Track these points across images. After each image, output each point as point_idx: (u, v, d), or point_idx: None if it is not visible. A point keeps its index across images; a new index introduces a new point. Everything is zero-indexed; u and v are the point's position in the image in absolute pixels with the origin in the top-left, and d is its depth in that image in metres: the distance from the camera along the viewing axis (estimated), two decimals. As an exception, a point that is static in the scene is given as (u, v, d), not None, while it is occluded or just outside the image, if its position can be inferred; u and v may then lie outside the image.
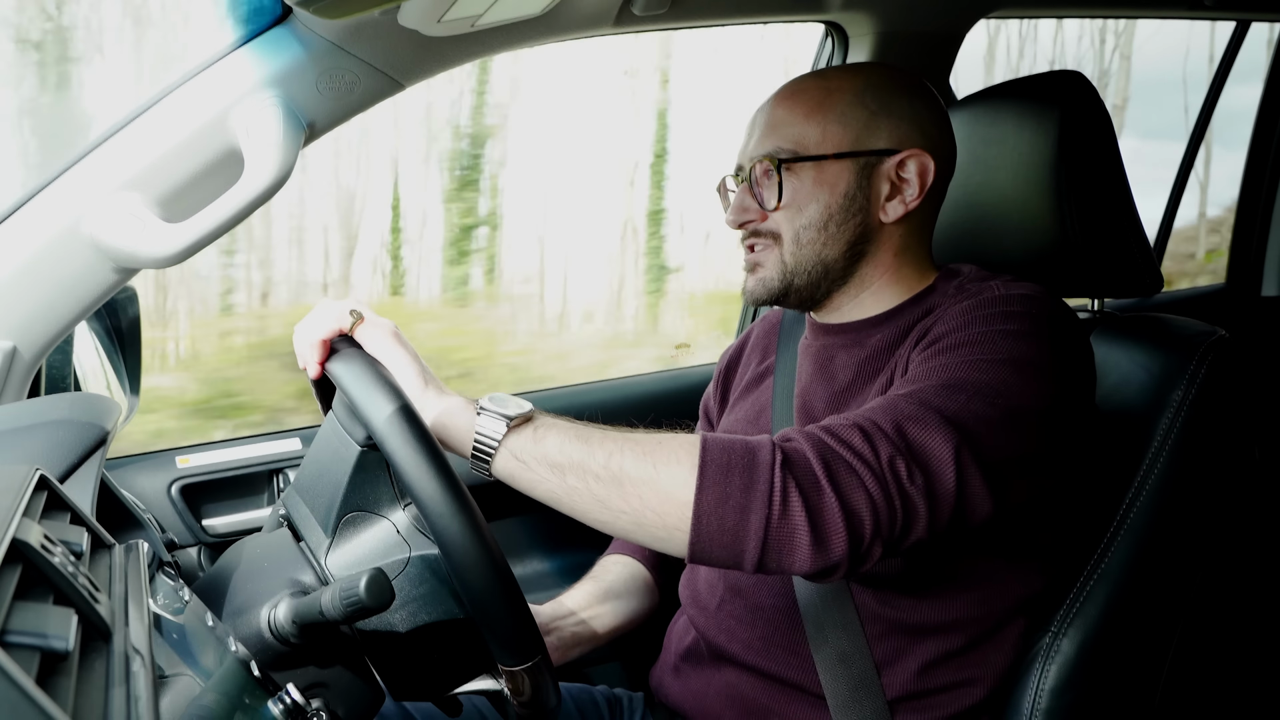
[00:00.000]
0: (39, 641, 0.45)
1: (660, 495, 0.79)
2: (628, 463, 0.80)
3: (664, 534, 0.80)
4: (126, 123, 1.01)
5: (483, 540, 0.74)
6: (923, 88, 1.07)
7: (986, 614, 1.01)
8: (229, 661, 0.71)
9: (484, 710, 1.15)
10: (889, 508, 0.79)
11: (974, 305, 0.94)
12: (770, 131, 1.04)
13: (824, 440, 0.81)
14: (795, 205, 1.03)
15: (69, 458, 0.83)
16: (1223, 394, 1.06)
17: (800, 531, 0.78)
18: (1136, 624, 1.08)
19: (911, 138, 1.03)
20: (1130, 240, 1.09)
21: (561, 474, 0.81)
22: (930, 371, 0.88)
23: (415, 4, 0.98)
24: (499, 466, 0.83)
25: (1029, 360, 0.88)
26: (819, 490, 0.78)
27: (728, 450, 0.80)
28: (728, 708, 1.06)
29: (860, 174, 1.02)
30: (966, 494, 0.82)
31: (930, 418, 0.82)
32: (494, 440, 0.82)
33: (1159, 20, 2.23)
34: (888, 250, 1.05)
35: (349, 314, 0.86)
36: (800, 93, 1.05)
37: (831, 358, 1.08)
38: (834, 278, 1.05)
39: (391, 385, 0.78)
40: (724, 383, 1.27)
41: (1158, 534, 1.05)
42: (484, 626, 0.77)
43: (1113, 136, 1.10)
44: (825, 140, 1.02)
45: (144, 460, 1.37)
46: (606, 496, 0.80)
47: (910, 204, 1.03)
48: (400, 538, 0.83)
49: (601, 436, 0.82)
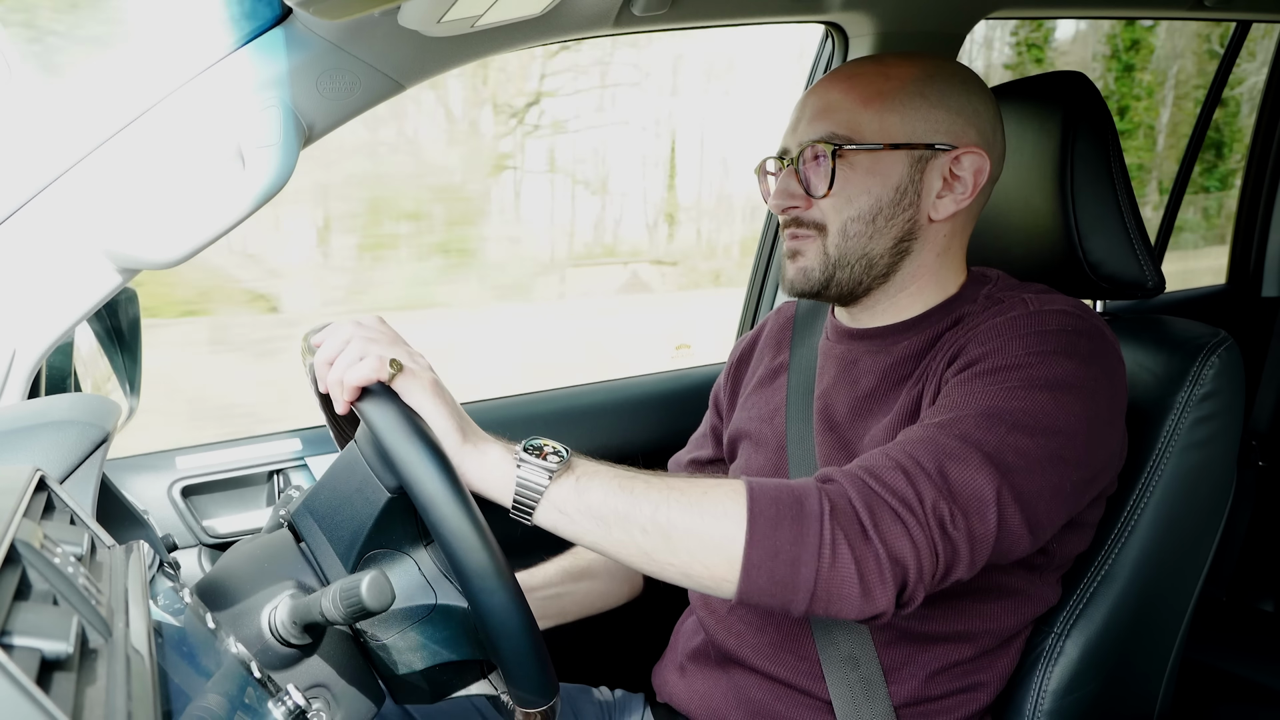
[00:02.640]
0: (39, 643, 0.45)
1: (709, 549, 0.79)
2: (674, 515, 0.79)
3: (712, 584, 0.80)
4: (127, 124, 1.01)
5: (518, 605, 0.74)
6: (980, 84, 1.03)
7: (1002, 626, 1.00)
8: (229, 662, 0.71)
9: (484, 710, 1.15)
10: (932, 554, 0.79)
11: (1009, 324, 0.92)
12: (824, 115, 1.00)
13: (868, 485, 0.80)
14: (845, 194, 0.99)
15: (69, 458, 0.83)
16: (1225, 396, 1.05)
17: (849, 583, 0.78)
18: (1139, 625, 1.08)
19: (968, 134, 1.00)
20: (1133, 241, 1.09)
21: (606, 527, 0.80)
22: (968, 399, 0.87)
23: (415, 4, 0.98)
24: (541, 517, 0.81)
25: (1068, 382, 0.87)
26: (866, 540, 0.78)
27: (776, 501, 0.79)
28: (733, 709, 1.06)
29: (914, 168, 0.99)
30: (1005, 532, 0.83)
31: (972, 456, 0.82)
32: (536, 493, 0.80)
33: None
34: (931, 249, 1.03)
35: (389, 364, 0.80)
36: (858, 77, 1.01)
37: (855, 362, 1.06)
38: (877, 274, 1.02)
39: (431, 444, 0.76)
40: (735, 375, 1.26)
41: (1160, 535, 1.05)
42: (507, 673, 0.77)
43: (1115, 137, 1.10)
44: (882, 129, 0.98)
45: (144, 461, 1.37)
46: (653, 549, 0.79)
47: (962, 202, 1.00)
48: (424, 581, 0.83)
49: (645, 487, 0.81)
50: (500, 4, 1.01)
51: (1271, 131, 2.41)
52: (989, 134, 1.02)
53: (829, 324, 1.13)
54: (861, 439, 1.01)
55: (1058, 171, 1.09)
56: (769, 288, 1.81)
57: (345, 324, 0.84)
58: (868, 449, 0.99)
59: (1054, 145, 1.10)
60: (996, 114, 1.04)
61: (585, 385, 1.70)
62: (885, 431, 0.97)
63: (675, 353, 3.26)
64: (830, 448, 1.03)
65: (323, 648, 0.81)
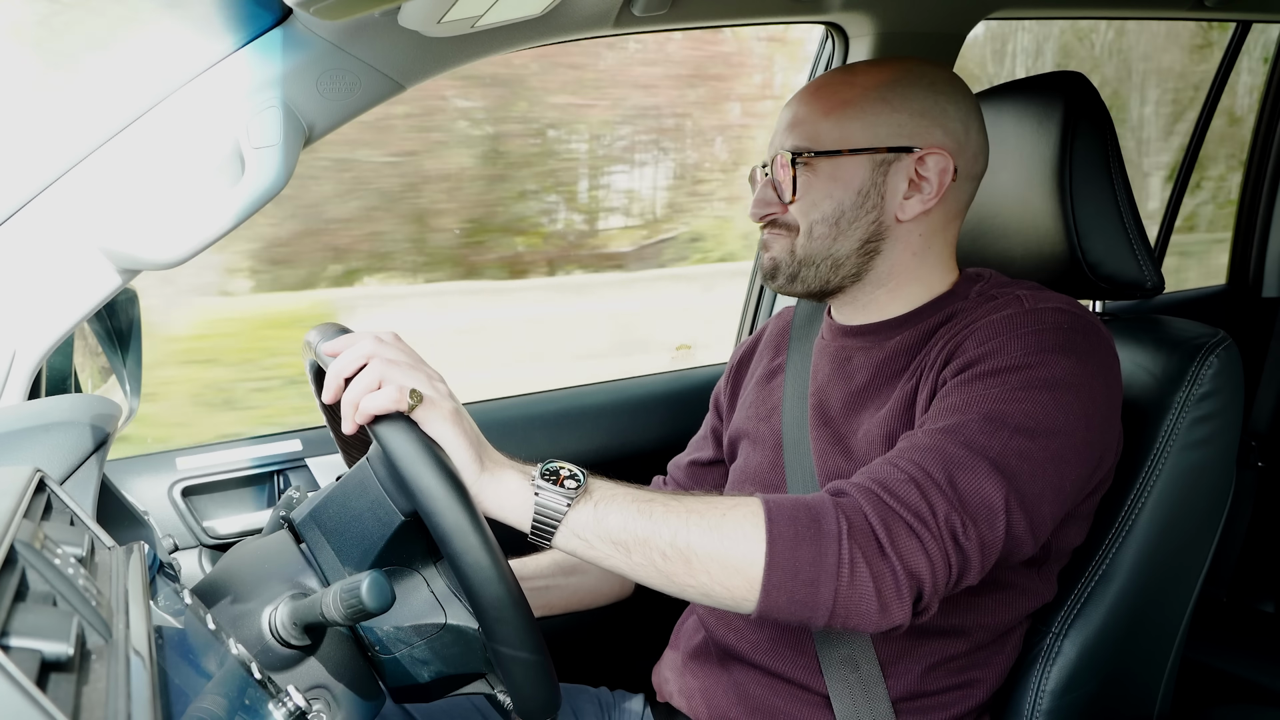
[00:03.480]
0: (39, 644, 0.45)
1: (729, 571, 0.80)
2: (694, 539, 0.80)
3: (732, 604, 0.82)
4: (128, 124, 1.01)
5: (532, 633, 0.75)
6: (953, 85, 1.04)
7: (997, 621, 1.01)
8: (230, 663, 0.71)
9: (484, 710, 1.16)
10: (946, 565, 0.82)
11: (1006, 322, 0.93)
12: (792, 128, 1.04)
13: (883, 500, 0.82)
14: (809, 199, 1.03)
15: (70, 459, 0.83)
16: (1224, 396, 1.06)
17: (867, 599, 0.80)
18: (1137, 625, 1.08)
19: (932, 135, 1.01)
20: (1132, 241, 1.09)
21: (626, 551, 0.81)
22: (970, 402, 0.88)
23: (415, 5, 0.98)
24: (560, 543, 0.82)
25: (1067, 381, 0.89)
26: (883, 557, 0.80)
27: (794, 521, 0.80)
28: (733, 705, 1.06)
29: (876, 171, 1.01)
30: (1012, 537, 0.85)
31: (979, 465, 0.84)
32: (554, 520, 0.80)
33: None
34: (904, 249, 1.04)
35: (409, 395, 0.78)
36: (823, 89, 1.05)
37: (849, 358, 1.08)
38: (845, 273, 1.05)
39: (451, 477, 0.76)
40: (735, 378, 1.28)
41: (1159, 535, 1.05)
42: (515, 692, 0.77)
43: (1114, 137, 1.10)
44: (841, 137, 1.01)
45: (144, 462, 1.37)
46: (673, 572, 0.81)
47: (929, 202, 1.02)
48: (434, 599, 0.83)
49: (663, 510, 0.81)
50: (500, 4, 1.01)
51: (1271, 131, 2.41)
52: (958, 134, 1.03)
53: (825, 324, 1.15)
54: (855, 433, 1.02)
55: (1056, 171, 1.10)
56: (768, 290, 1.81)
57: (363, 340, 0.82)
58: (861, 442, 1.00)
59: (1053, 145, 1.10)
60: (970, 112, 1.04)
61: (587, 386, 1.70)
62: (878, 425, 0.99)
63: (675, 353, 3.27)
64: (825, 442, 1.05)
65: (323, 649, 0.81)
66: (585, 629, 1.61)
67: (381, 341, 0.82)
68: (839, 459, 1.02)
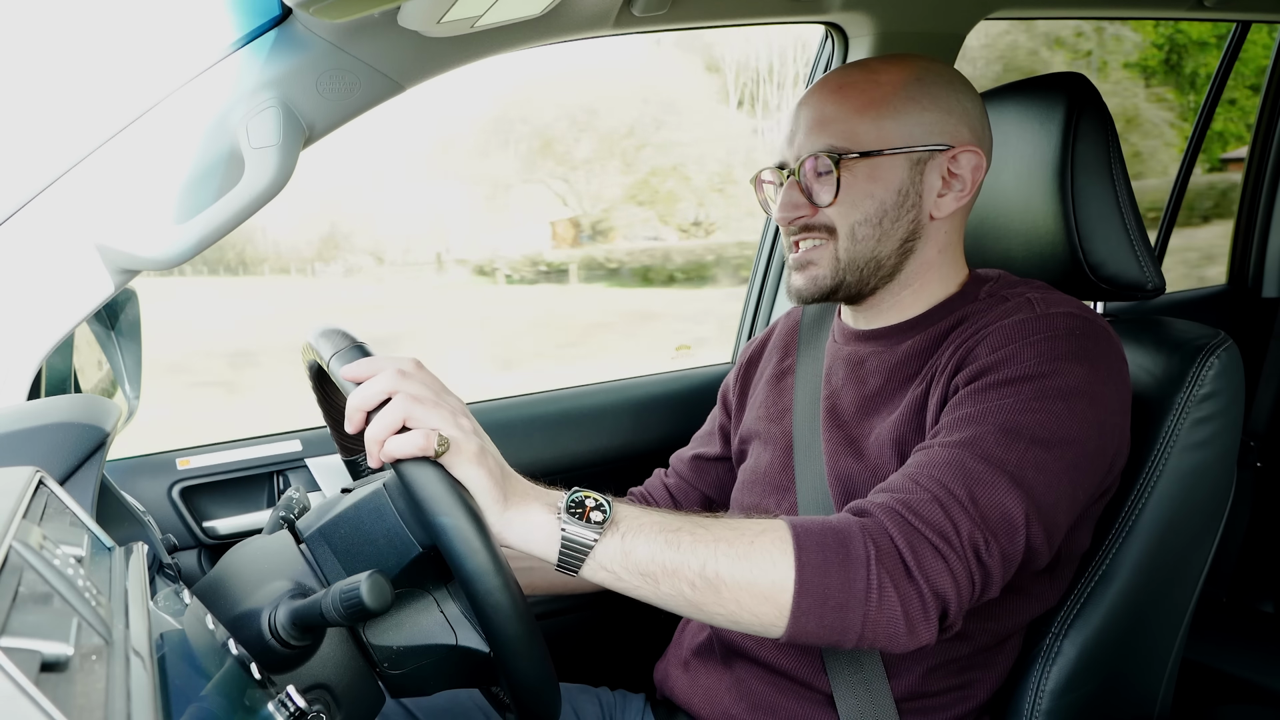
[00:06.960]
0: (38, 644, 0.45)
1: (758, 598, 0.80)
2: (722, 568, 0.80)
3: (760, 629, 0.82)
4: (127, 124, 1.01)
5: (545, 663, 0.75)
6: (965, 83, 1.06)
7: (1001, 625, 1.01)
8: (229, 663, 0.71)
9: (484, 708, 1.16)
10: (970, 583, 0.82)
11: (1017, 329, 0.93)
12: (821, 128, 1.03)
13: (907, 520, 0.82)
14: (850, 201, 1.02)
15: (69, 460, 0.83)
16: (1224, 397, 1.05)
17: (895, 622, 0.80)
18: (1137, 626, 1.08)
19: (961, 133, 1.03)
20: (1133, 242, 1.09)
21: (655, 582, 0.81)
22: (985, 413, 0.89)
23: (415, 5, 0.98)
24: (587, 574, 0.81)
25: (1079, 389, 0.89)
26: (910, 580, 0.81)
27: (822, 546, 0.81)
28: (735, 703, 1.06)
29: (914, 169, 1.02)
30: (1031, 549, 0.86)
31: (999, 480, 0.84)
32: (581, 554, 0.80)
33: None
34: (933, 246, 1.05)
35: (436, 440, 0.75)
36: (849, 86, 1.03)
37: (862, 362, 1.08)
38: (884, 274, 1.05)
39: (476, 520, 0.75)
40: (744, 376, 1.28)
41: (1159, 536, 1.05)
42: (519, 707, 0.78)
43: (1115, 138, 1.10)
44: (880, 136, 1.01)
45: (144, 462, 1.37)
46: (702, 601, 0.81)
47: (962, 199, 1.03)
48: (445, 621, 0.83)
49: (691, 540, 0.81)
50: (500, 4, 1.01)
51: (1271, 131, 2.41)
52: (980, 131, 1.05)
53: (836, 327, 1.16)
54: (868, 436, 1.03)
55: (1058, 173, 1.10)
56: (768, 291, 1.81)
57: (386, 373, 0.78)
58: (873, 446, 1.01)
59: (1054, 146, 1.10)
60: (984, 111, 1.07)
61: (589, 385, 1.70)
62: (890, 428, 0.99)
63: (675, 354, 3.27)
64: (837, 444, 1.05)
65: (323, 649, 0.81)
66: (586, 629, 1.61)
67: (404, 375, 0.78)
68: (850, 461, 1.03)
